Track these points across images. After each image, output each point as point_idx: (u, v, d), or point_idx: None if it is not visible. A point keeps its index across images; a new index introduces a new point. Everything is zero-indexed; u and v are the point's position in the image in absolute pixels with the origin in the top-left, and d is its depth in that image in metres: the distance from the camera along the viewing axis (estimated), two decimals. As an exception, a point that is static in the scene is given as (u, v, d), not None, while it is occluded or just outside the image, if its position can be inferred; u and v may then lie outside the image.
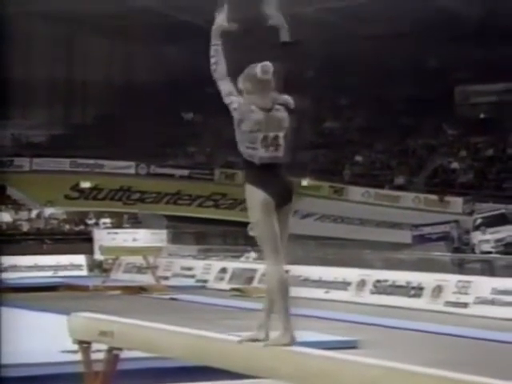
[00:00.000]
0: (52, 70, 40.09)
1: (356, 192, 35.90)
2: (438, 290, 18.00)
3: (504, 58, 34.07)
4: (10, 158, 38.25)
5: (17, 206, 32.65)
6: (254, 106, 5.01)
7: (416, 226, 30.40)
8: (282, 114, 5.12)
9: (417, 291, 18.41)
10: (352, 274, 20.21)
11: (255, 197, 4.99)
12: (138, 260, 24.23)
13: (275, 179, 5.01)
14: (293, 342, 4.97)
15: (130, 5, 37.55)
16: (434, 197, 33.64)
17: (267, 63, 5.06)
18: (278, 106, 5.10)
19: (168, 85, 41.56)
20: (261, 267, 23.10)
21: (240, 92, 5.11)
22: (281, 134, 5.09)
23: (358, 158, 38.34)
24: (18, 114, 41.02)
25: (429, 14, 35.29)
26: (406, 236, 30.04)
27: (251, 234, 21.79)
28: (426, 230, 29.97)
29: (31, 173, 37.42)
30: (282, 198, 5.01)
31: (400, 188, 35.41)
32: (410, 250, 27.78)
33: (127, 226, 30.77)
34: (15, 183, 35.26)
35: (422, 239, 29.42)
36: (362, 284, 19.72)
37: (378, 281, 19.42)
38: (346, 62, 37.63)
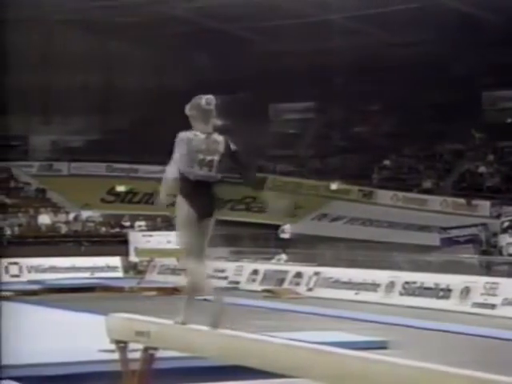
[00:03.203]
0: (89, 78, 40.51)
1: (385, 195, 35.91)
2: (466, 291, 18.16)
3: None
4: (50, 162, 38.91)
5: (55, 208, 33.15)
6: (196, 132, 5.99)
7: (444, 229, 30.27)
8: (219, 138, 6.06)
9: (445, 293, 18.58)
10: (381, 275, 20.39)
11: (182, 208, 5.99)
12: (171, 262, 24.52)
13: (204, 195, 5.96)
14: (185, 323, 6.06)
15: (162, 13, 37.91)
16: (461, 200, 33.56)
17: (210, 96, 6.06)
18: (217, 133, 6.07)
19: (200, 90, 41.68)
20: (292, 269, 23.36)
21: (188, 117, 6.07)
22: (216, 158, 6.04)
23: (387, 163, 38.38)
24: (57, 121, 41.62)
25: (456, 21, 35.21)
26: (434, 238, 29.88)
27: (282, 236, 22.44)
28: (454, 232, 29.71)
29: (69, 177, 37.85)
30: (205, 211, 5.98)
31: (428, 192, 35.40)
32: (438, 253, 27.69)
33: (161, 228, 31.05)
34: (54, 187, 35.80)
35: (450, 242, 29.19)
36: (391, 286, 19.90)
37: (407, 282, 19.57)
38: (374, 69, 37.58)
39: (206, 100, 6.00)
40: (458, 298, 18.22)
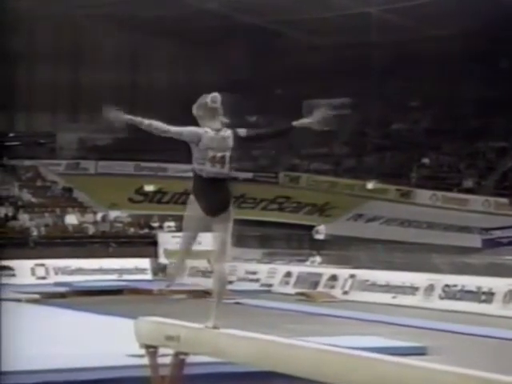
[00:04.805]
0: (118, 75, 40.43)
1: (423, 195, 35.69)
2: (509, 295, 17.84)
3: None
4: (77, 160, 38.78)
5: (82, 208, 32.90)
6: (207, 128, 6.14)
7: (486, 230, 30.10)
8: (228, 134, 6.19)
9: (488, 296, 18.28)
10: (420, 278, 20.10)
11: (190, 206, 6.19)
12: (202, 264, 24.25)
13: (214, 191, 6.09)
14: (217, 327, 6.03)
15: (193, 7, 37.69)
16: (504, 200, 33.28)
17: (216, 94, 6.17)
18: (225, 128, 6.20)
19: (232, 87, 41.58)
20: (326, 271, 23.00)
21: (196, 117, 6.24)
22: (227, 154, 6.15)
23: (426, 161, 38.08)
24: (84, 118, 41.51)
25: (498, 14, 34.69)
26: (475, 240, 29.70)
27: (316, 237, 21.72)
28: (497, 233, 29.71)
29: (96, 176, 37.74)
30: (212, 208, 6.11)
31: (469, 191, 35.12)
32: (479, 254, 27.43)
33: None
34: (81, 186, 35.63)
35: (492, 243, 29.10)
36: (430, 289, 19.65)
37: (447, 286, 19.32)
38: (413, 63, 37.24)
39: (212, 98, 6.15)
40: (501, 301, 17.91)
